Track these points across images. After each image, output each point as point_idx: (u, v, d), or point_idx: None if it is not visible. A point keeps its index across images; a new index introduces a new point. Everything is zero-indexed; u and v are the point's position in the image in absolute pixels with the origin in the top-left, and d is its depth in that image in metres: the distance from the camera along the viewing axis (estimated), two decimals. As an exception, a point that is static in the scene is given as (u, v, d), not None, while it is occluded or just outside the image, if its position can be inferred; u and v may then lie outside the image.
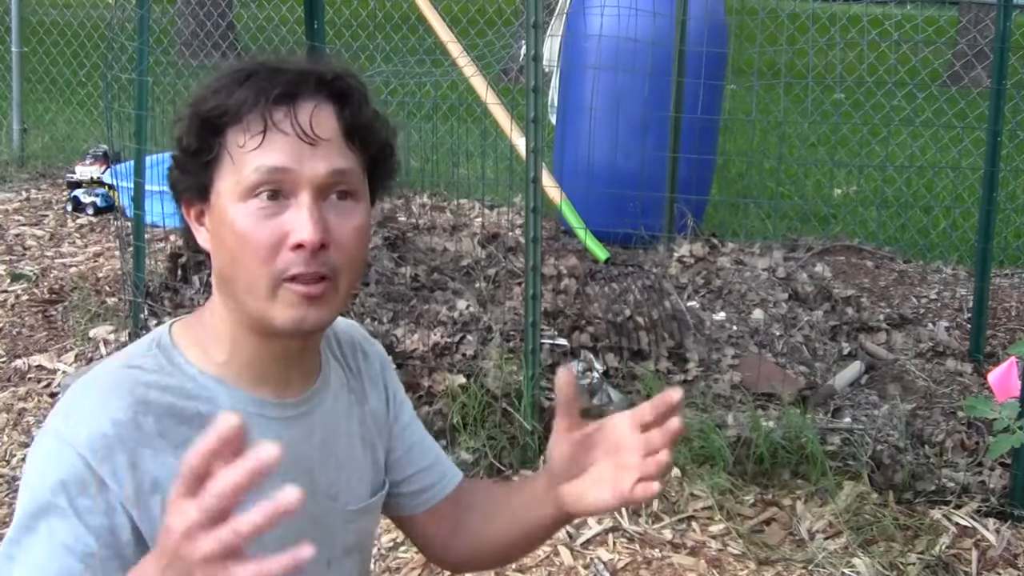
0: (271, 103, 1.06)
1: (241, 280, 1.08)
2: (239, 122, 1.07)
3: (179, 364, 1.11)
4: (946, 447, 3.24)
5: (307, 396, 1.17)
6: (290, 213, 1.06)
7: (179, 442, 1.06)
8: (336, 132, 1.09)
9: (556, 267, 4.25)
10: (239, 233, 1.06)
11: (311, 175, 1.06)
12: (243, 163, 1.07)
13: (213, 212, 1.10)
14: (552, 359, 3.48)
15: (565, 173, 4.94)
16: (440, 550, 1.38)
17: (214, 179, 1.09)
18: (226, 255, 1.09)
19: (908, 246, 5.36)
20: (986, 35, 7.66)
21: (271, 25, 8.05)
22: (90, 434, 1.03)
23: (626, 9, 4.42)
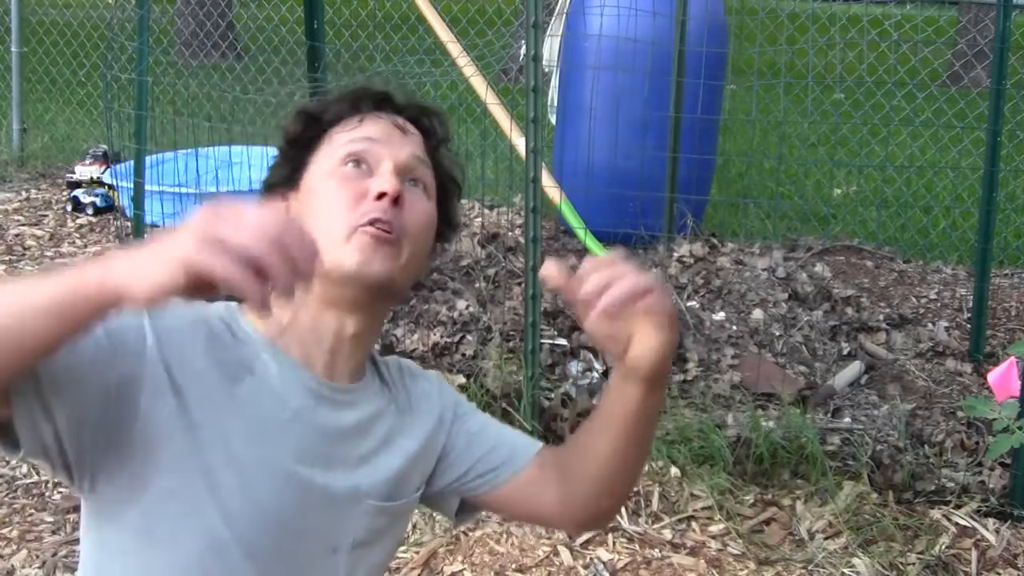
0: (371, 104, 1.23)
1: (321, 231, 1.12)
2: (340, 120, 1.22)
3: (237, 319, 1.18)
4: (946, 447, 3.24)
5: (349, 389, 1.21)
6: (373, 178, 1.17)
7: (218, 361, 1.12)
8: (420, 139, 1.24)
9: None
10: (328, 190, 1.17)
11: (396, 152, 1.19)
12: (338, 142, 1.20)
13: (301, 192, 1.21)
14: (552, 359, 3.48)
15: (565, 173, 4.94)
16: (559, 512, 1.32)
17: (309, 164, 1.21)
18: (311, 217, 1.16)
19: (908, 246, 5.36)
20: (986, 35, 7.65)
21: (271, 25, 8.06)
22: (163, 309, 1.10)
23: (626, 9, 4.42)
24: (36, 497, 3.14)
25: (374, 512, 1.22)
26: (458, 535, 2.87)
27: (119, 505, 1.09)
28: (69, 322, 0.90)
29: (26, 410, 0.99)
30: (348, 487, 1.19)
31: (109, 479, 1.08)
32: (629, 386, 1.17)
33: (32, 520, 3.04)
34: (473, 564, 2.76)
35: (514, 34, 8.39)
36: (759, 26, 5.94)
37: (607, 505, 1.33)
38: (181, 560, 1.10)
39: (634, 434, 1.22)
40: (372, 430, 1.23)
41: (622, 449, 1.23)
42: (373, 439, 1.23)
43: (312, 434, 1.16)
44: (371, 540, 1.24)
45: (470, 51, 5.29)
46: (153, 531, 1.09)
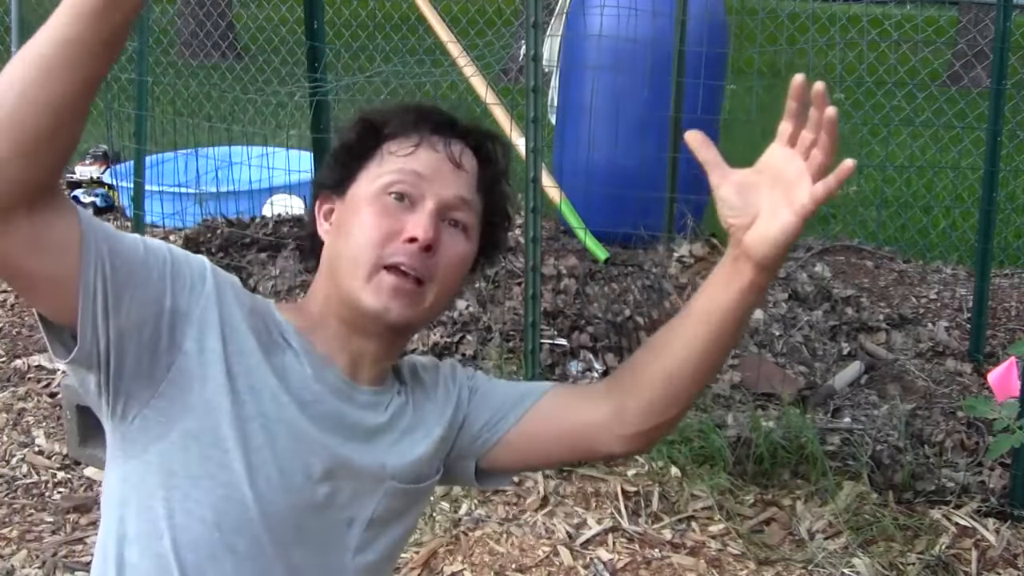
0: (431, 128, 1.21)
1: (347, 257, 1.17)
2: (398, 135, 1.20)
3: (273, 313, 1.21)
4: (946, 447, 3.24)
5: (367, 392, 1.23)
6: (412, 215, 1.16)
7: (255, 328, 1.15)
8: (475, 173, 1.23)
9: (556, 267, 4.25)
10: (364, 216, 1.17)
11: (440, 190, 1.18)
12: (389, 164, 1.19)
13: (345, 204, 1.21)
14: (552, 359, 3.48)
15: (565, 173, 4.94)
16: (609, 427, 1.25)
17: (358, 176, 1.21)
18: (344, 239, 1.18)
19: (908, 246, 5.36)
20: (986, 35, 7.65)
21: (271, 25, 8.06)
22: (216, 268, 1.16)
23: (626, 9, 4.42)
24: (36, 497, 3.14)
25: (395, 492, 1.24)
26: (458, 535, 2.87)
27: (145, 438, 1.12)
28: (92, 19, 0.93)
29: (91, 306, 1.03)
30: (374, 463, 1.22)
31: (140, 408, 1.11)
32: (738, 272, 1.11)
33: (32, 520, 3.04)
34: (473, 564, 2.76)
35: (514, 34, 8.38)
36: (759, 26, 5.94)
37: (672, 414, 1.25)
38: (198, 503, 1.12)
39: (730, 328, 1.15)
40: (394, 425, 1.26)
41: (713, 343, 1.16)
42: (395, 432, 1.25)
43: (336, 417, 1.19)
44: (388, 519, 1.25)
45: (470, 51, 5.29)
46: (175, 471, 1.12)
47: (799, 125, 1.07)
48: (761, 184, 1.09)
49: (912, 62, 6.72)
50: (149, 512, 1.12)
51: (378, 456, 1.23)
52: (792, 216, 1.06)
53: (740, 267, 1.11)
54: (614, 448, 1.28)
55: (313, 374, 1.18)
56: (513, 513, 2.98)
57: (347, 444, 1.20)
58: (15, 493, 3.17)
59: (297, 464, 1.15)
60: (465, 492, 3.05)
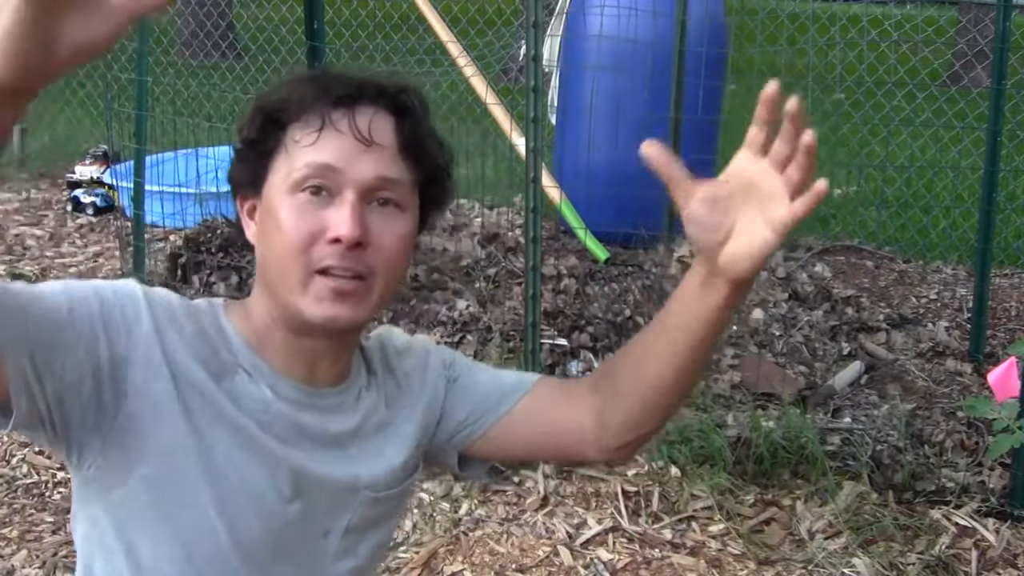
0: (332, 102, 1.09)
1: (276, 269, 1.10)
2: (299, 118, 1.10)
3: (220, 316, 1.15)
4: (946, 447, 3.24)
5: (329, 394, 1.18)
6: (332, 209, 1.08)
7: (202, 355, 1.11)
8: (392, 142, 1.11)
9: (556, 267, 4.25)
10: (281, 222, 1.08)
11: (358, 176, 1.08)
12: (296, 157, 1.09)
13: (263, 204, 1.13)
14: (552, 359, 3.48)
15: (565, 173, 4.94)
16: (587, 437, 1.24)
17: (269, 172, 1.12)
18: (267, 244, 1.11)
19: (908, 246, 5.36)
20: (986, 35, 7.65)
21: (271, 25, 8.05)
22: (151, 289, 1.11)
23: (626, 9, 4.42)
24: (36, 497, 3.14)
25: (371, 502, 1.21)
26: (458, 535, 2.87)
27: (105, 484, 1.09)
28: None
29: (20, 381, 0.98)
30: (346, 475, 1.18)
31: (94, 457, 1.08)
32: (712, 288, 1.07)
33: (32, 520, 3.04)
34: (473, 564, 2.76)
35: (514, 34, 8.39)
36: (759, 26, 5.94)
37: (648, 428, 1.21)
38: (167, 542, 1.10)
39: (704, 343, 1.11)
40: (364, 428, 1.21)
41: (689, 359, 1.13)
42: (367, 436, 1.21)
43: (299, 431, 1.15)
44: (366, 527, 1.23)
45: (470, 51, 5.30)
46: (139, 513, 1.09)
47: (770, 134, 1.00)
48: (732, 198, 1.03)
49: (912, 62, 6.72)
50: (113, 557, 1.11)
51: (350, 467, 1.18)
52: (771, 233, 1.00)
53: (715, 284, 1.07)
54: (595, 456, 1.26)
55: (269, 391, 1.13)
56: (513, 513, 2.98)
57: (315, 457, 1.16)
58: (15, 493, 3.17)
59: (266, 487, 1.13)
60: (465, 492, 3.05)
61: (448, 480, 3.08)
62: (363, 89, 1.11)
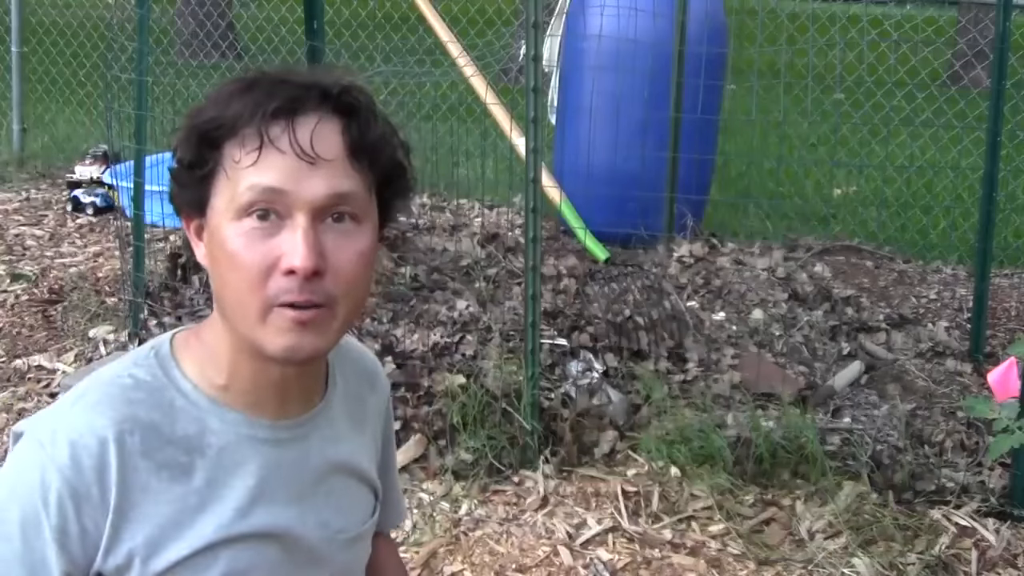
0: (269, 117, 1.00)
1: (233, 302, 1.02)
2: (235, 136, 1.01)
3: (174, 378, 1.07)
4: (946, 447, 3.24)
5: (304, 420, 1.13)
6: (284, 235, 1.00)
7: (162, 463, 1.04)
8: (340, 151, 1.02)
9: (556, 267, 4.25)
10: (230, 253, 1.00)
11: (308, 197, 0.99)
12: (238, 180, 1.00)
13: (208, 228, 1.05)
14: (552, 359, 3.48)
15: (565, 173, 4.94)
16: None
17: (210, 194, 1.03)
18: (219, 276, 1.04)
19: (908, 246, 5.36)
20: (986, 35, 7.65)
21: (271, 25, 8.06)
22: (74, 452, 1.00)
23: (626, 9, 4.42)
24: (36, 497, 3.14)
25: (348, 543, 1.19)
26: (458, 535, 2.87)
27: None
28: None
29: None
30: (319, 529, 1.15)
31: None
32: None
33: (32, 520, 3.03)
34: (473, 564, 2.76)
35: (514, 34, 8.38)
36: (759, 26, 5.93)
37: None
38: None
39: None
40: (334, 457, 1.17)
41: None
42: (334, 469, 1.17)
43: (280, 486, 1.11)
44: (349, 569, 1.22)
45: (470, 51, 5.29)
46: None
47: None
48: None
49: (912, 62, 6.72)
50: None
51: (322, 516, 1.15)
52: None
53: None
54: None
55: (241, 454, 1.07)
56: (513, 513, 2.98)
57: (300, 523, 1.12)
58: (15, 493, 3.17)
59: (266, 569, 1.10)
60: (465, 492, 3.05)
61: (448, 480, 3.08)
62: (303, 96, 1.02)
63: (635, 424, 3.30)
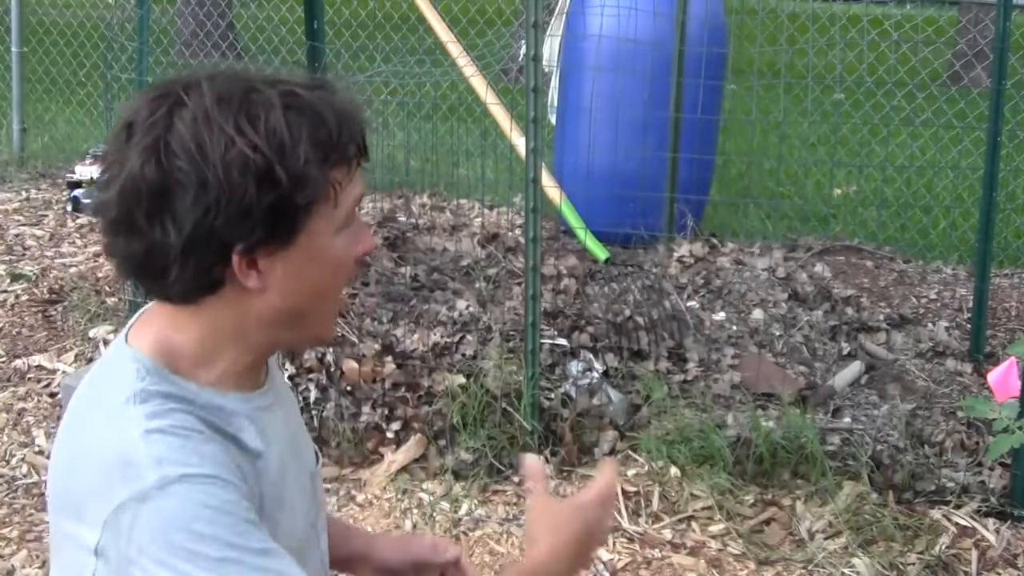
0: (353, 139, 1.09)
1: (321, 307, 1.13)
2: (344, 159, 1.07)
3: (175, 382, 1.09)
4: (946, 447, 3.24)
5: (270, 379, 1.22)
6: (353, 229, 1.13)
7: (224, 445, 1.08)
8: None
9: (556, 267, 4.25)
10: (335, 261, 1.11)
11: (361, 192, 1.14)
12: (342, 198, 1.08)
13: (296, 253, 1.06)
14: (552, 359, 3.48)
15: (565, 173, 4.94)
16: None
17: (307, 222, 1.06)
18: (312, 290, 1.10)
19: (908, 246, 5.36)
20: (986, 35, 7.65)
21: (271, 25, 8.06)
22: (213, 460, 1.03)
23: (626, 9, 4.42)
24: (36, 497, 3.14)
25: (315, 478, 1.29)
26: (458, 535, 2.87)
27: None
28: None
29: None
30: (302, 467, 1.24)
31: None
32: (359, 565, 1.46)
33: (32, 520, 3.04)
34: (473, 564, 2.76)
35: (514, 34, 8.39)
36: (759, 26, 5.94)
37: None
38: None
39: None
40: (291, 409, 1.29)
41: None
42: (293, 418, 1.28)
43: (287, 441, 1.20)
44: (321, 502, 1.31)
45: (470, 51, 5.29)
46: None
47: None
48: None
49: (912, 62, 6.72)
50: None
51: (307, 454, 1.27)
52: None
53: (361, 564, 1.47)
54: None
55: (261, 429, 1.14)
56: (513, 513, 2.98)
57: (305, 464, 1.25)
58: (15, 493, 3.17)
59: (304, 518, 1.21)
60: (465, 492, 3.05)
61: (448, 480, 3.08)
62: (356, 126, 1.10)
63: (635, 424, 3.30)
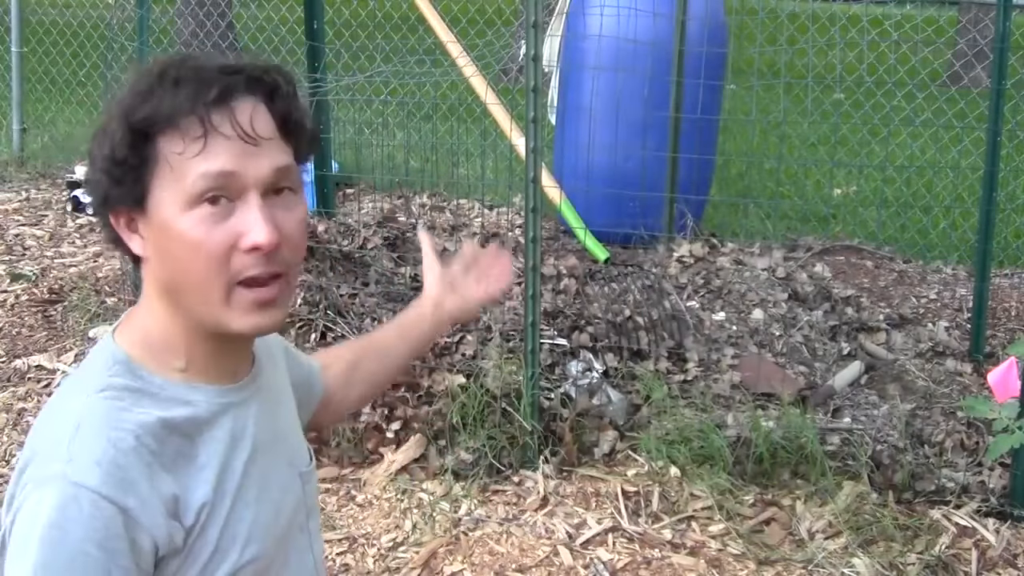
0: (210, 106, 1.04)
1: (193, 289, 1.07)
2: (175, 128, 1.04)
3: (143, 377, 1.10)
4: (946, 447, 3.24)
5: (252, 375, 1.20)
6: (239, 215, 1.05)
7: (175, 451, 1.07)
8: (273, 130, 1.09)
9: (556, 267, 4.25)
10: (191, 242, 1.04)
11: (257, 175, 1.06)
12: (185, 170, 1.04)
13: (152, 222, 1.07)
14: (552, 359, 3.48)
15: (565, 173, 4.94)
16: (340, 405, 1.51)
17: (150, 188, 1.06)
18: (174, 266, 1.07)
19: (908, 246, 5.36)
20: (986, 35, 7.65)
21: (271, 25, 8.06)
22: (105, 470, 1.01)
23: (626, 9, 4.42)
24: (36, 497, 3.14)
25: (307, 476, 1.27)
26: (458, 535, 2.87)
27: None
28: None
29: None
30: (289, 468, 1.23)
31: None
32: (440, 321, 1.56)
33: (32, 520, 3.03)
34: (473, 564, 2.76)
35: (514, 34, 8.38)
36: (759, 26, 5.93)
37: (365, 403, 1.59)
38: None
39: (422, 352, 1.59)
40: (279, 401, 1.26)
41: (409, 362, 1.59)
42: (281, 411, 1.26)
43: (262, 440, 1.17)
44: (313, 503, 1.29)
45: (470, 51, 5.29)
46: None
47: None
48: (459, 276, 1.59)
49: (912, 62, 6.72)
50: None
51: (287, 454, 1.23)
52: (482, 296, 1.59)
53: (441, 318, 1.56)
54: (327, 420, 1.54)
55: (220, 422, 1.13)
56: (513, 513, 2.98)
57: (280, 466, 1.21)
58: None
59: (271, 517, 1.17)
60: (465, 492, 3.05)
61: (448, 480, 3.08)
62: (234, 83, 1.06)
63: (635, 424, 3.30)
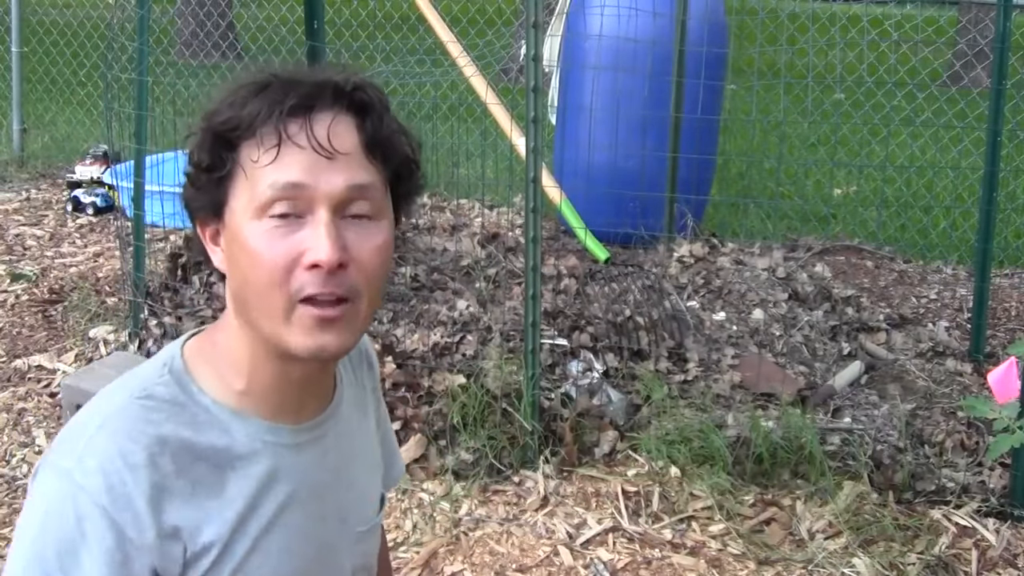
0: (286, 115, 1.01)
1: (255, 302, 1.03)
2: (252, 136, 1.02)
3: (192, 393, 1.06)
4: (946, 447, 3.24)
5: (322, 419, 1.13)
6: (306, 231, 1.00)
7: (196, 479, 1.03)
8: (356, 146, 1.03)
9: (556, 267, 4.25)
10: (252, 252, 1.01)
11: (328, 190, 1.01)
12: (257, 179, 1.01)
13: (227, 231, 1.05)
14: (552, 359, 3.48)
15: (565, 173, 4.94)
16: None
17: (228, 196, 1.04)
18: (240, 276, 1.04)
19: (908, 246, 5.36)
20: (986, 35, 7.65)
21: (271, 25, 8.06)
22: (108, 481, 0.98)
23: (626, 9, 4.42)
24: (36, 497, 3.14)
25: (364, 536, 1.22)
26: (458, 535, 2.87)
27: None
28: None
29: None
30: (339, 524, 1.17)
31: None
32: None
33: (32, 520, 3.03)
34: (473, 564, 2.76)
35: (514, 34, 8.38)
36: (759, 26, 5.94)
37: None
38: None
39: None
40: (350, 452, 1.19)
41: None
42: (351, 463, 1.19)
43: (305, 490, 1.12)
44: (365, 562, 1.24)
45: (470, 51, 5.29)
46: None
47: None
48: None
49: (912, 62, 6.73)
50: None
51: (342, 513, 1.17)
52: None
53: None
54: None
55: (266, 462, 1.08)
56: (513, 513, 2.98)
57: (325, 525, 1.14)
58: (15, 493, 3.17)
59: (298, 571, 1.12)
60: (465, 492, 3.05)
61: (448, 480, 3.08)
62: (317, 94, 1.03)
63: (635, 424, 3.30)
